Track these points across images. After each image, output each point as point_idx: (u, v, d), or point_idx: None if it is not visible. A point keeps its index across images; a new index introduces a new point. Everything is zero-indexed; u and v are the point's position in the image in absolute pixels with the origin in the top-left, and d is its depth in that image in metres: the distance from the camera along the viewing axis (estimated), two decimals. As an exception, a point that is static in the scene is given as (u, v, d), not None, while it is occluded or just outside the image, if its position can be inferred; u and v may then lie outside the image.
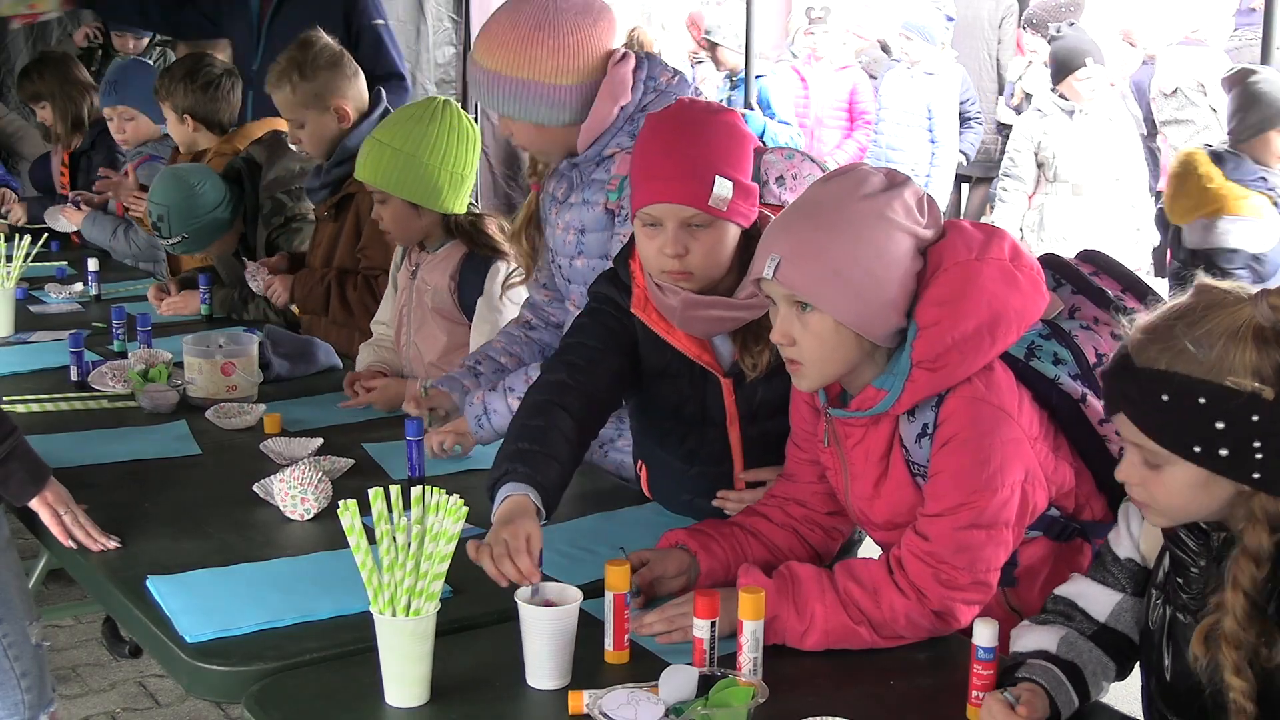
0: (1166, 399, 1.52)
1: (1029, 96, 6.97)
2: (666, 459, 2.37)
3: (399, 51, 4.91)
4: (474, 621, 1.94)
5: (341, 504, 1.69)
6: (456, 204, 3.07)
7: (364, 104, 3.61)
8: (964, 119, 7.40)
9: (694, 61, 8.51)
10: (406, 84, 4.71)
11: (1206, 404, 1.51)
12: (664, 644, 1.85)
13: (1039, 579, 2.01)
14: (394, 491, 1.71)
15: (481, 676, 1.78)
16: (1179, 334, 1.53)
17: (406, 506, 1.70)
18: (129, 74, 4.75)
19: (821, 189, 1.91)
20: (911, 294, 1.86)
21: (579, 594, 1.79)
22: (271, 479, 2.37)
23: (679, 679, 1.67)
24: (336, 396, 3.04)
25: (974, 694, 1.69)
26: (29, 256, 3.75)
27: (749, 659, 1.75)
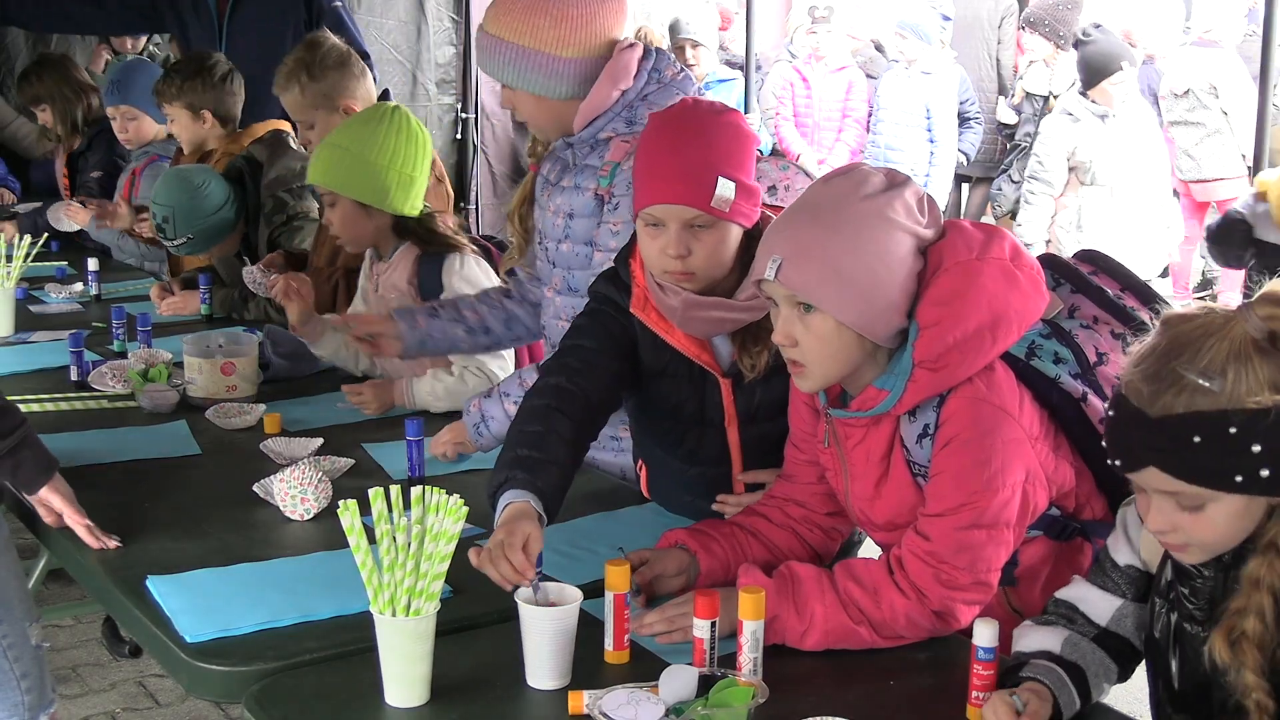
0: (1199, 440, 1.49)
1: (1029, 96, 6.95)
2: (665, 459, 2.37)
3: (358, 29, 4.93)
4: (474, 621, 1.94)
5: (341, 504, 1.69)
6: (406, 205, 3.06)
7: (373, 103, 3.59)
8: (963, 119, 7.39)
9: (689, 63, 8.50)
10: (371, 61, 4.72)
11: (1238, 432, 1.48)
12: (664, 644, 1.85)
13: (1040, 579, 2.01)
14: (394, 491, 1.71)
15: (481, 676, 1.78)
16: (1184, 372, 1.50)
17: (406, 506, 1.70)
18: (132, 73, 4.73)
19: (822, 189, 1.90)
20: (912, 294, 1.86)
21: (579, 594, 1.79)
22: (271, 479, 2.37)
23: (679, 679, 1.67)
24: (336, 396, 3.04)
25: (974, 694, 1.68)
26: (29, 256, 3.74)
27: (749, 659, 1.75)
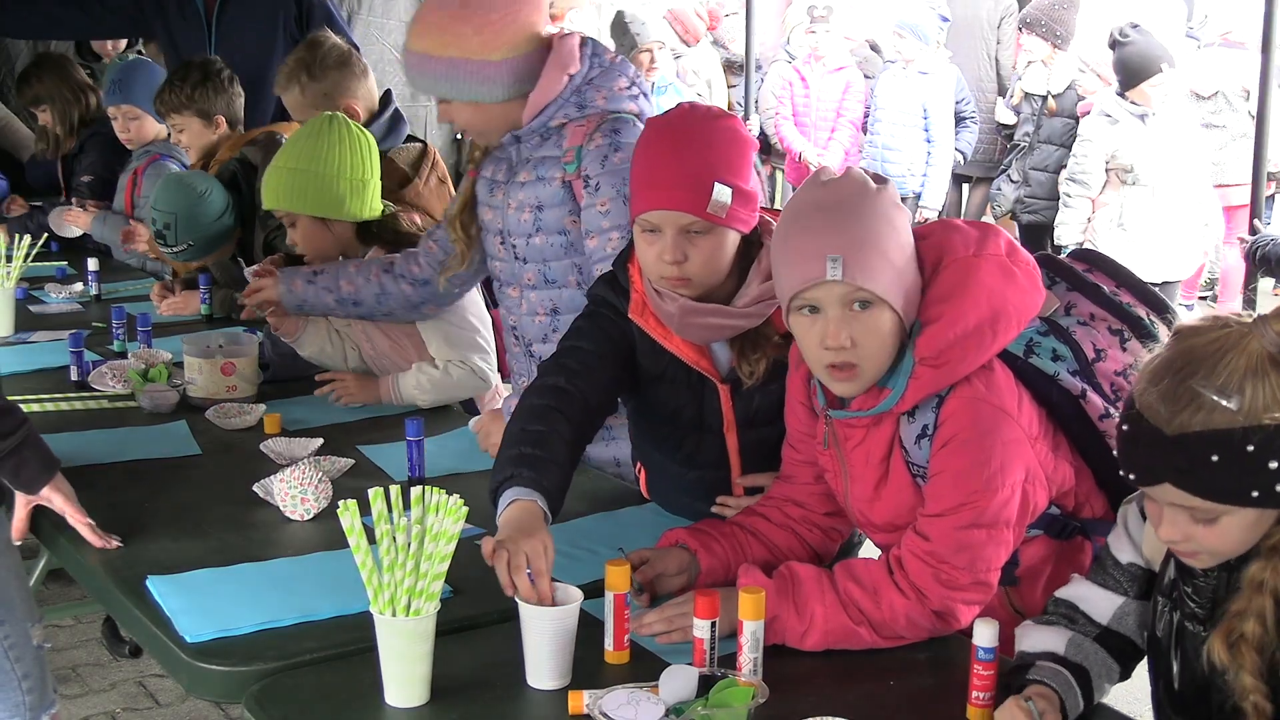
0: (1217, 459, 1.49)
1: (1028, 96, 6.94)
2: (665, 462, 2.37)
3: (345, 22, 4.99)
4: (474, 621, 1.94)
5: (341, 504, 1.69)
6: (363, 210, 3.07)
7: (374, 103, 3.58)
8: (959, 119, 7.39)
9: (675, 56, 8.44)
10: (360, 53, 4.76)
11: (1256, 450, 1.48)
12: (663, 644, 1.85)
13: (1041, 578, 2.01)
14: (394, 491, 1.71)
15: (481, 676, 1.78)
16: (1200, 389, 1.49)
17: (406, 506, 1.70)
18: (133, 73, 4.69)
19: (827, 190, 1.86)
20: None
21: (579, 594, 1.79)
22: (271, 479, 2.37)
23: (679, 679, 1.67)
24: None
25: (974, 694, 1.68)
26: (29, 256, 3.74)
27: (749, 659, 1.75)
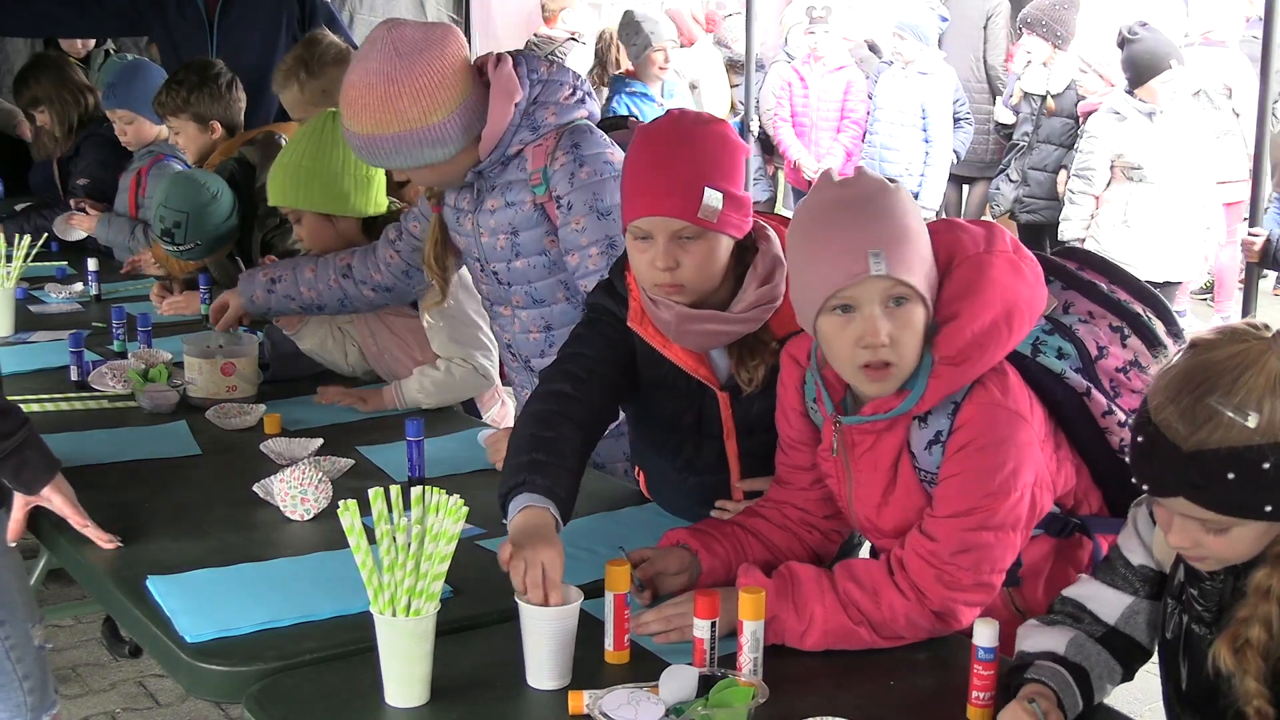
0: (1233, 476, 1.49)
1: (1027, 96, 6.94)
2: (664, 467, 2.36)
3: (345, 23, 5.06)
4: (474, 621, 1.94)
5: (341, 504, 1.69)
6: (368, 205, 3.07)
7: None
8: (954, 119, 7.40)
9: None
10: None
11: (1271, 467, 1.48)
12: (662, 644, 1.85)
13: (1041, 576, 2.02)
14: (394, 492, 1.71)
15: (481, 676, 1.78)
16: (1218, 406, 1.49)
17: (406, 507, 1.70)
18: (126, 77, 4.67)
19: (847, 188, 1.82)
20: None
21: (579, 594, 1.79)
22: (271, 479, 2.37)
23: (679, 679, 1.67)
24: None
25: (974, 694, 1.68)
26: (29, 256, 3.74)
27: (749, 659, 1.75)
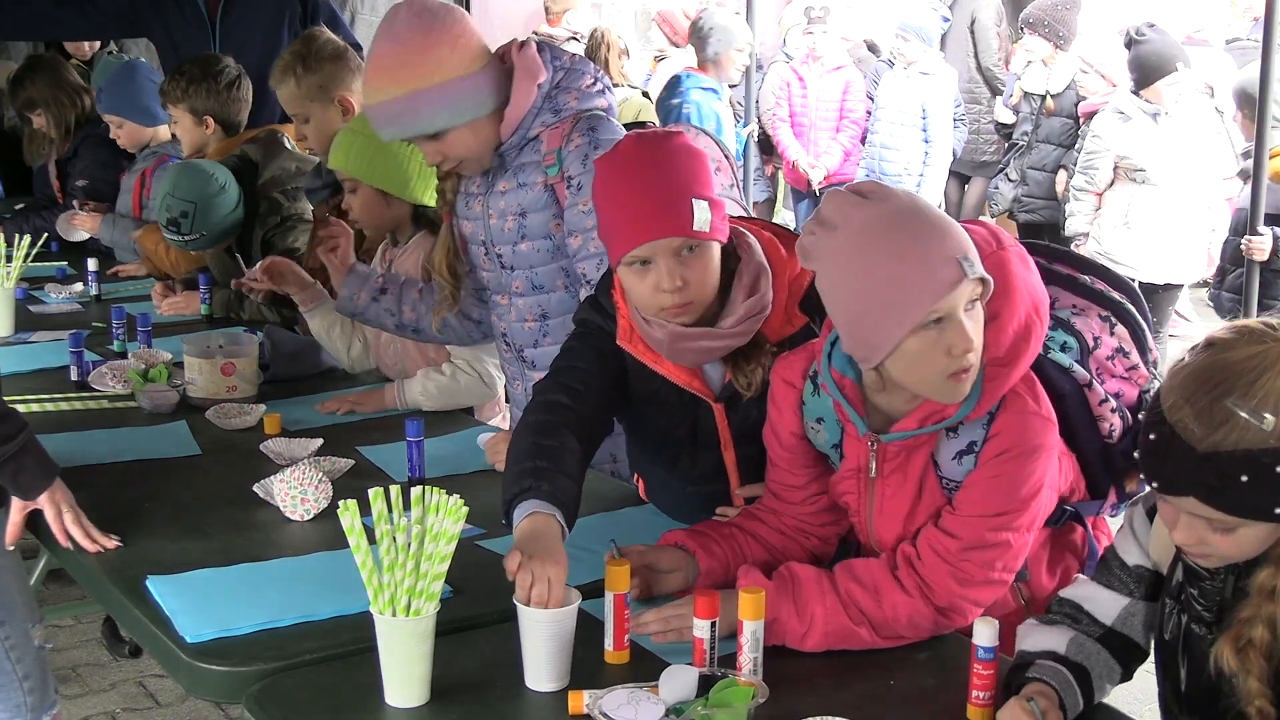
0: (1247, 479, 1.49)
1: (1027, 95, 6.95)
2: (663, 476, 2.36)
3: (348, 22, 5.03)
4: (474, 621, 1.94)
5: (341, 504, 1.70)
6: (426, 195, 3.05)
7: None
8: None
9: (658, 58, 8.43)
10: (364, 52, 4.76)
11: None
12: (660, 643, 1.85)
13: (1042, 564, 2.05)
14: (394, 492, 1.71)
15: (481, 676, 1.79)
16: (1235, 408, 1.49)
17: (406, 507, 1.70)
18: (115, 81, 4.67)
19: (884, 203, 1.76)
20: None
21: (578, 594, 1.79)
22: (271, 479, 2.37)
23: (679, 679, 1.67)
24: (335, 398, 3.04)
25: (974, 693, 1.69)
26: (29, 256, 3.74)
27: (749, 659, 1.75)
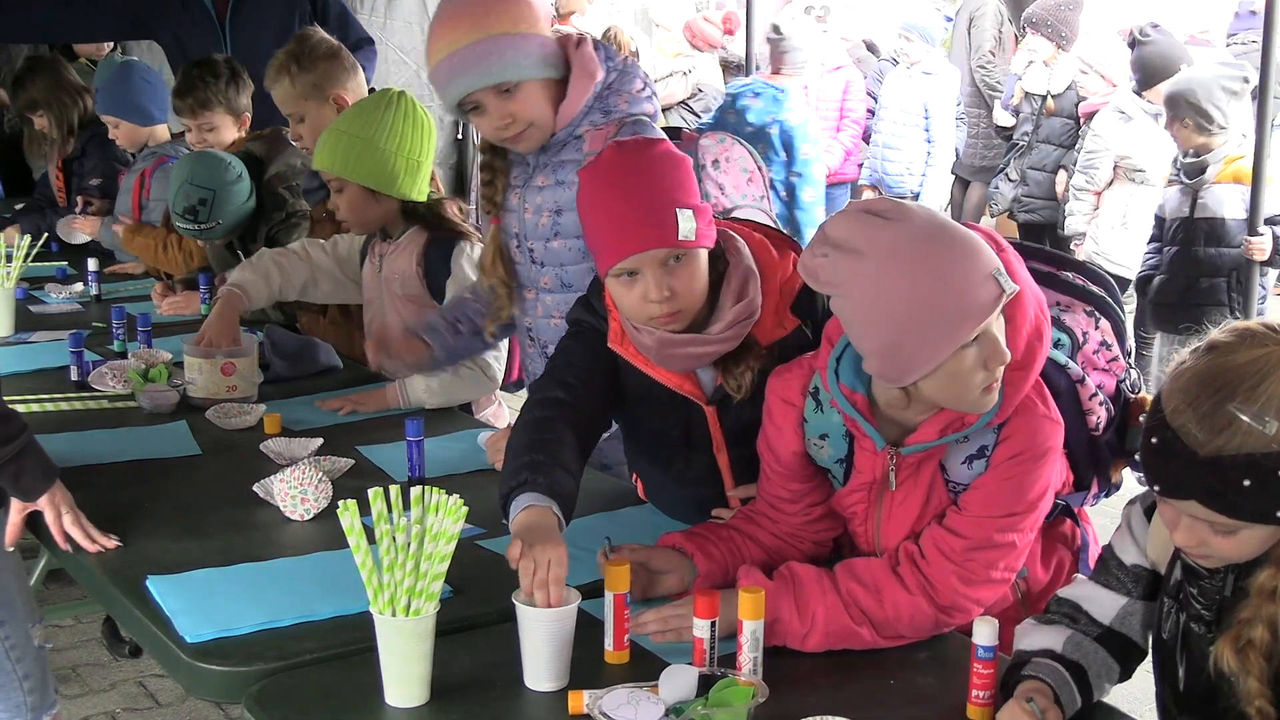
0: (1249, 483, 1.49)
1: (1028, 96, 6.95)
2: (658, 477, 2.37)
3: (357, 19, 5.04)
4: (474, 621, 1.94)
5: (341, 504, 1.69)
6: (413, 190, 3.06)
7: (364, 97, 3.57)
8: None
9: (685, 70, 8.43)
10: (375, 49, 4.76)
11: None
12: (659, 643, 1.85)
13: (1036, 558, 2.07)
14: (394, 491, 1.71)
15: (481, 676, 1.79)
16: (1238, 413, 1.49)
17: (406, 506, 1.70)
18: (111, 82, 4.69)
19: (907, 222, 1.74)
20: None
21: (577, 595, 1.79)
22: (271, 479, 2.37)
23: (679, 679, 1.67)
24: (337, 397, 3.04)
25: (974, 693, 1.69)
26: (29, 256, 3.74)
27: (749, 659, 1.75)
